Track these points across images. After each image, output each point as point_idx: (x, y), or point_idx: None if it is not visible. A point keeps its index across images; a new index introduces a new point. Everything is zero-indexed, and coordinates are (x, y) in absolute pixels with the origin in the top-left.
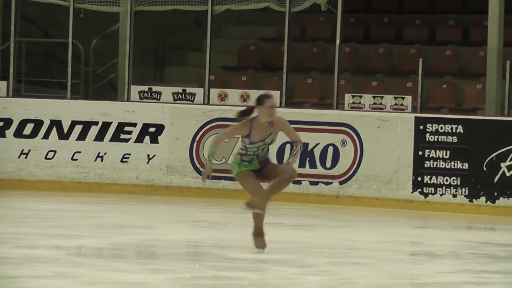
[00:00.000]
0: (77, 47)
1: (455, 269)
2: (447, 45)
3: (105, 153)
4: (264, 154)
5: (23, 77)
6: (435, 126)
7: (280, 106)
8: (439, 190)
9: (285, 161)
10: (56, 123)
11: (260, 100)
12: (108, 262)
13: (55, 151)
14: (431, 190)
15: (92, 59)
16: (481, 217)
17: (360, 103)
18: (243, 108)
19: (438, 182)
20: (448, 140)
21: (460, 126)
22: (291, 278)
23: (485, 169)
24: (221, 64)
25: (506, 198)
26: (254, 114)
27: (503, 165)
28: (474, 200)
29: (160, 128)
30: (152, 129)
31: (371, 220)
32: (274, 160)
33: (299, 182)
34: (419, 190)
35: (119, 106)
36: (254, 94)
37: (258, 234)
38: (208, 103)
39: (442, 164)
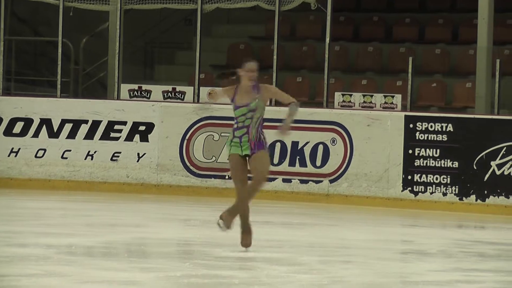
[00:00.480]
0: (67, 45)
1: (445, 267)
2: (437, 43)
3: (95, 152)
4: (254, 133)
5: (13, 76)
6: (425, 125)
7: (270, 105)
8: (429, 189)
9: (282, 123)
10: (46, 122)
11: (241, 65)
12: (98, 261)
13: (45, 150)
14: (421, 188)
15: (82, 57)
16: (471, 216)
17: (350, 101)
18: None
19: (428, 181)
20: (438, 138)
21: (450, 125)
22: (281, 277)
23: (475, 167)
24: (211, 63)
25: (496, 197)
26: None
27: (493, 163)
28: (464, 198)
29: (150, 126)
30: (142, 128)
31: (361, 218)
32: (267, 145)
33: (289, 181)
34: (409, 188)
35: (109, 104)
36: None
37: (245, 231)
38: (198, 102)
39: (432, 163)
